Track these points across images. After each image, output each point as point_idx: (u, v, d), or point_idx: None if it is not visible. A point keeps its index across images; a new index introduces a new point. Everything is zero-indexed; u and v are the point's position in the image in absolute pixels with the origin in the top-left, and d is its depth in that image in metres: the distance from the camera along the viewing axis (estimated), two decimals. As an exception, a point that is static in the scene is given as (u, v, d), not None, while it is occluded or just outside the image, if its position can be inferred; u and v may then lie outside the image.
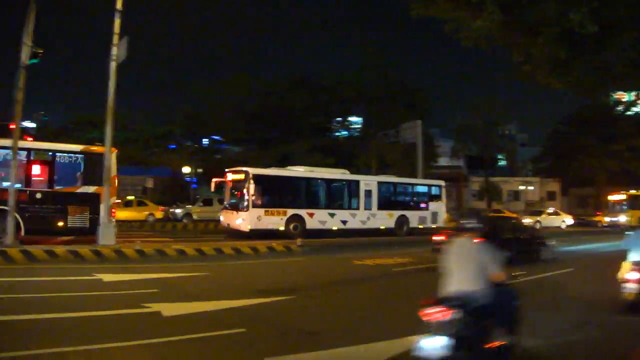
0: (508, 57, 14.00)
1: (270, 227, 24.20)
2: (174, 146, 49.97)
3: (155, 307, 8.72)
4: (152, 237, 22.80)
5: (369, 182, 28.52)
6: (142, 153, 44.33)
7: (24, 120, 21.40)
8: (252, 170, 24.22)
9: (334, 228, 26.49)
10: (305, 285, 12.20)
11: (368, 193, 28.14)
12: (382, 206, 28.43)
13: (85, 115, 45.32)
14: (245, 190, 23.82)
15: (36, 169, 18.41)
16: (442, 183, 32.46)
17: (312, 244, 20.48)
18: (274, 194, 25.34)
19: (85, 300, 9.41)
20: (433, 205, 30.87)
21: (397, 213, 28.98)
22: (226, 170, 26.18)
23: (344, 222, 26.98)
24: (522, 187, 61.84)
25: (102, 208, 17.16)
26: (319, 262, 17.47)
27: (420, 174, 38.12)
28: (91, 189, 18.22)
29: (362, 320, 8.72)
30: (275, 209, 24.63)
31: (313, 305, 10.06)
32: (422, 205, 30.80)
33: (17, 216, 16.38)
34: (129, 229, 26.20)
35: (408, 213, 29.59)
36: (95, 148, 18.98)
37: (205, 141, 53.67)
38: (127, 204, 33.70)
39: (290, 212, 25.09)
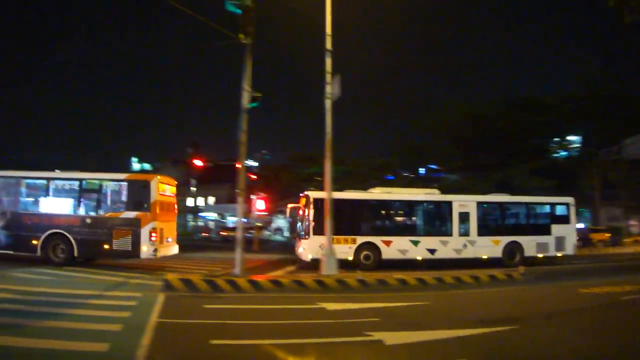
0: None
1: (337, 257, 20.17)
2: (391, 177, 50.53)
3: (377, 335, 8.69)
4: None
5: (465, 203, 24.24)
6: (360, 185, 45.49)
7: (248, 160, 22.95)
8: (313, 194, 22.80)
9: (418, 258, 22.82)
10: (528, 314, 11.43)
11: (464, 216, 24.04)
12: (484, 231, 24.06)
13: (304, 152, 47.63)
14: (306, 216, 22.65)
15: (86, 197, 20.35)
16: (570, 200, 26.05)
17: (535, 272, 19.37)
18: (340, 219, 21.66)
19: (309, 328, 9.73)
20: (558, 229, 25.17)
21: (505, 239, 24.10)
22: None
23: (432, 251, 23.07)
24: None
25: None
26: (542, 290, 16.45)
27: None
28: (133, 214, 19.32)
29: (589, 349, 8.08)
30: (341, 237, 21.95)
31: (537, 335, 9.43)
32: (542, 228, 25.30)
33: (71, 239, 18.87)
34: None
35: (521, 239, 24.43)
36: (135, 176, 20.53)
37: (421, 171, 53.75)
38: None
39: (361, 239, 22.62)
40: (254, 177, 44.31)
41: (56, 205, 20.21)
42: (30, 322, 9.11)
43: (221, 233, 50.81)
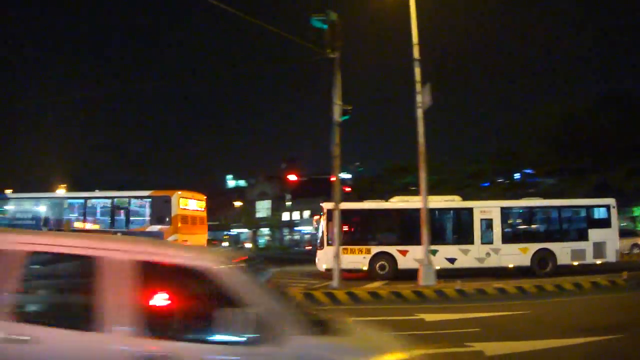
0: None
1: (350, 266, 21.46)
2: (486, 184, 49.41)
3: (477, 346, 8.59)
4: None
5: (487, 209, 23.05)
6: (454, 193, 44.73)
7: (342, 172, 23.19)
8: (327, 205, 22.38)
9: (437, 267, 20.06)
10: (635, 322, 10.94)
11: (486, 222, 22.91)
12: (510, 238, 22.75)
13: (397, 162, 47.35)
14: (320, 227, 22.92)
15: (117, 213, 22.23)
16: (611, 202, 23.53)
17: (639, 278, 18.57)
18: (354, 229, 23.15)
19: (409, 339, 9.71)
20: (596, 234, 22.82)
21: (534, 247, 22.42)
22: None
23: (451, 261, 22.08)
24: None
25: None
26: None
27: None
28: (156, 228, 20.69)
29: None
30: (355, 247, 22.12)
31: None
32: (578, 233, 23.26)
33: None
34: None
35: (553, 246, 22.56)
36: (158, 193, 21.63)
37: (517, 176, 52.32)
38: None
39: (376, 249, 22.33)
40: (348, 189, 44.50)
41: (92, 222, 22.25)
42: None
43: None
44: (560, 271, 21.47)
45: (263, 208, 75.51)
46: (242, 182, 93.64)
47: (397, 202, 24.45)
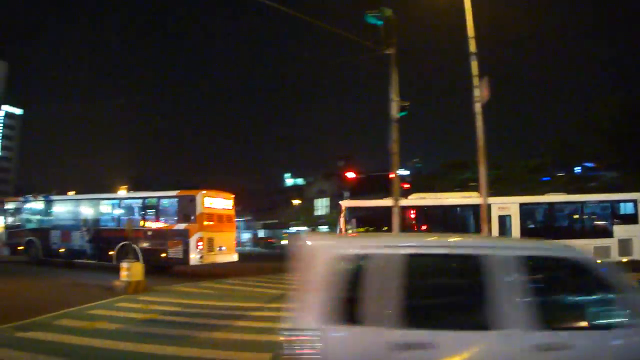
0: None
1: None
2: (547, 178, 48.28)
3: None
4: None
5: (505, 205, 22.79)
6: (514, 189, 43.85)
7: (400, 169, 23.02)
8: (345, 203, 25.01)
9: None
10: None
11: (503, 219, 22.78)
12: (528, 235, 21.99)
13: (456, 158, 46.72)
14: (339, 223, 24.65)
15: (148, 212, 23.63)
16: (638, 197, 22.86)
17: None
18: (369, 225, 24.00)
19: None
20: (622, 230, 22.04)
21: None
22: None
23: None
24: None
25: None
26: None
27: None
28: (183, 225, 21.88)
29: None
30: None
31: None
32: (602, 230, 22.53)
33: (137, 249, 21.88)
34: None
35: (574, 243, 21.15)
36: (184, 192, 23.09)
37: (577, 169, 50.96)
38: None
39: None
40: (407, 186, 44.15)
41: (124, 220, 23.38)
42: (197, 333, 9.72)
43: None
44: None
45: (322, 206, 75.70)
46: (300, 181, 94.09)
47: (412, 200, 25.12)
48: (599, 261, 4.62)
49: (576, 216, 23.76)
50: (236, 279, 21.45)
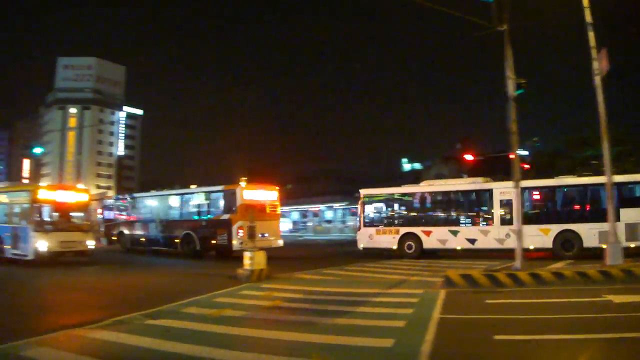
0: None
1: (383, 246, 25.29)
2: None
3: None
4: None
5: (507, 190, 22.16)
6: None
7: (520, 149, 22.43)
8: (363, 191, 27.03)
9: (458, 248, 23.72)
10: None
11: (506, 203, 22.82)
12: (530, 219, 21.61)
13: (577, 135, 44.66)
14: (357, 210, 26.78)
15: (201, 205, 27.46)
16: None
17: None
18: (386, 212, 26.72)
19: (595, 322, 9.18)
20: (630, 213, 20.37)
21: (557, 228, 21.67)
22: None
23: (472, 241, 23.38)
24: None
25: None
26: None
27: None
28: (227, 216, 25.05)
29: None
30: (387, 228, 25.65)
31: None
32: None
33: (195, 237, 26.05)
34: None
35: (578, 227, 21.29)
36: (228, 187, 25.95)
37: None
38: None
39: (403, 230, 24.99)
40: (526, 166, 42.86)
41: (188, 213, 27.73)
42: (320, 319, 9.91)
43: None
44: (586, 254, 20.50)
45: (440, 190, 74.45)
46: (417, 165, 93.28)
47: (423, 186, 27.24)
48: None
49: (580, 199, 22.90)
50: (356, 265, 21.78)
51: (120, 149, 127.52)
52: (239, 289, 14.66)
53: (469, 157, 47.73)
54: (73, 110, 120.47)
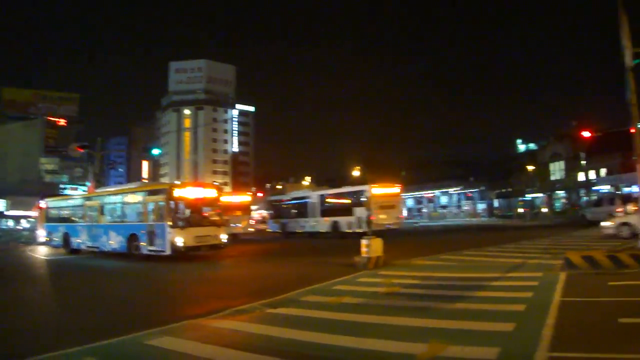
0: None
1: None
2: None
3: None
4: None
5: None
6: None
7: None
8: None
9: None
10: None
11: None
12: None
13: None
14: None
15: (345, 203, 36.91)
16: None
17: None
18: None
19: None
20: None
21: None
22: None
23: None
24: None
25: None
26: None
27: None
28: (363, 209, 32.30)
29: None
30: None
31: None
32: None
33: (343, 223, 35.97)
34: None
35: None
36: (360, 187, 36.51)
37: None
38: None
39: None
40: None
41: (329, 214, 38.05)
42: (438, 304, 9.85)
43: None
44: None
45: (557, 170, 71.94)
46: (532, 145, 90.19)
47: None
48: None
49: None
50: (474, 249, 21.47)
51: (234, 146, 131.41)
52: (356, 277, 14.82)
53: (586, 134, 45.50)
54: (187, 111, 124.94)
